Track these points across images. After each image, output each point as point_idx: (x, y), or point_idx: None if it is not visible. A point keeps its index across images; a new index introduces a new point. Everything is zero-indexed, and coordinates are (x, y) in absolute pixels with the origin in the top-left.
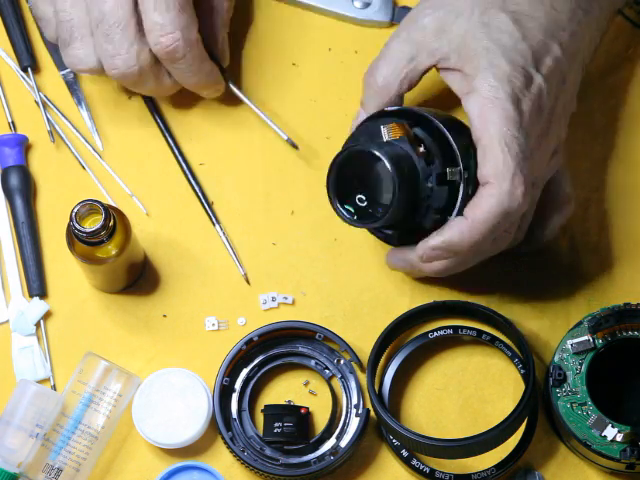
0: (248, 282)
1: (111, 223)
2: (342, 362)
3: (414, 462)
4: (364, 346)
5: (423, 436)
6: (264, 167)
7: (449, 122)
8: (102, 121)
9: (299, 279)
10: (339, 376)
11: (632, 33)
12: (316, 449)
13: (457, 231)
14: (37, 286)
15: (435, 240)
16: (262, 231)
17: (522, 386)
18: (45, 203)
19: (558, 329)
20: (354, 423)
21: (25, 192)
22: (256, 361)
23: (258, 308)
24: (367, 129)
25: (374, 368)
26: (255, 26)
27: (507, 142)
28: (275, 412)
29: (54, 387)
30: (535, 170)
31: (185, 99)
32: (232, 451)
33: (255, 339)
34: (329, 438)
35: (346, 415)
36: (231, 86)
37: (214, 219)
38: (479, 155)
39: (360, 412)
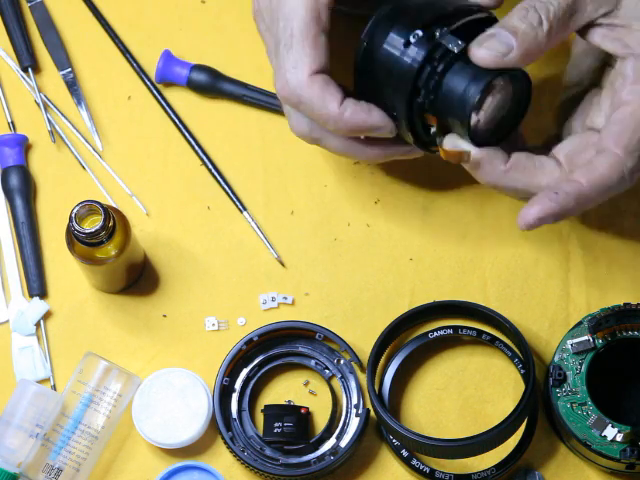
0: (282, 264)
1: (111, 224)
2: (342, 362)
3: (414, 462)
4: (364, 346)
5: (423, 436)
6: (264, 167)
7: None
8: (102, 121)
9: (299, 279)
10: (339, 376)
11: None
12: (316, 449)
13: (573, 198)
14: (37, 286)
15: (547, 210)
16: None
17: (522, 386)
18: (45, 203)
19: (558, 329)
20: (354, 423)
21: (25, 192)
22: (256, 361)
23: (258, 308)
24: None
25: (374, 368)
26: (255, 26)
27: None
28: (275, 412)
29: (54, 387)
30: None
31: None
32: (232, 451)
33: (255, 339)
34: (329, 438)
35: (346, 415)
36: None
37: (240, 206)
38: (609, 118)
39: (360, 412)
